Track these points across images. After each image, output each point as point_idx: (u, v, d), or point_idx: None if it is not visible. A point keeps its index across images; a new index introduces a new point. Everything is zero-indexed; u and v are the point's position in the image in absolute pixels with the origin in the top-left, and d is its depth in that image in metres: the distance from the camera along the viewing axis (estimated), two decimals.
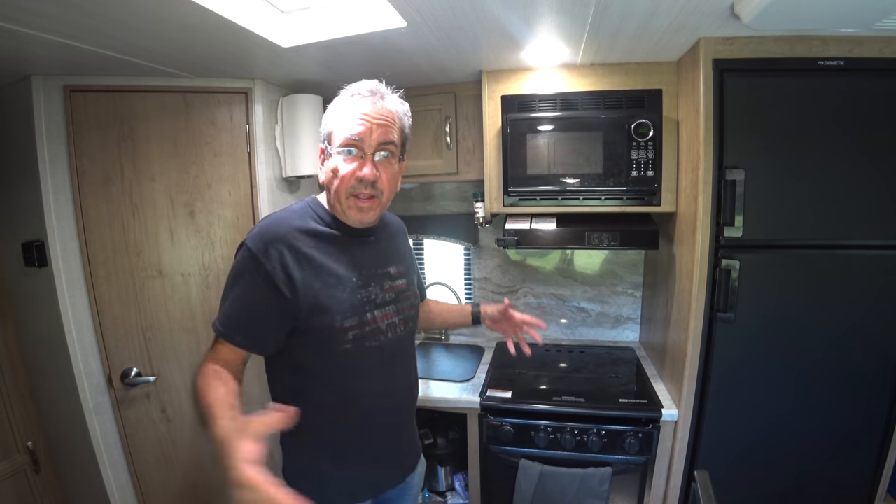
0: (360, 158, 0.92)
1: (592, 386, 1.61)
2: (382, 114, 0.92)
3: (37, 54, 1.16)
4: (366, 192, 0.93)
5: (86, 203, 1.39)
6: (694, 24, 1.16)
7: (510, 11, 1.09)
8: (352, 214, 0.95)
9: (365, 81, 0.96)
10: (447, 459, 1.83)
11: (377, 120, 0.91)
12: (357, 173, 0.91)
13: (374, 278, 1.00)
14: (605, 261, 1.99)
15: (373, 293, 0.99)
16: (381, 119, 0.92)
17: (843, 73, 1.19)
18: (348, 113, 0.92)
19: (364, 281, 0.98)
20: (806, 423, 1.34)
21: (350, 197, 0.93)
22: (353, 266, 0.97)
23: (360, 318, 0.95)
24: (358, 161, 0.92)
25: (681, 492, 1.46)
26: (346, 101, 0.94)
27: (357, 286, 0.96)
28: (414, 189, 2.12)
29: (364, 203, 0.94)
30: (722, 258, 1.28)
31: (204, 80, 1.45)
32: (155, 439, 1.53)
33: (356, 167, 0.91)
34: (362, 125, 0.90)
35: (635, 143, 1.44)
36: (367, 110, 0.91)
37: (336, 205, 0.96)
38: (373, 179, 0.91)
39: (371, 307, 0.98)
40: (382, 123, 0.92)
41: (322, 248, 0.95)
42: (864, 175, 1.22)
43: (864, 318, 1.27)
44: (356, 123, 0.90)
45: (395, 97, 0.98)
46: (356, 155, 0.92)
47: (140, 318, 1.47)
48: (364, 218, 0.96)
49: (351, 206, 0.94)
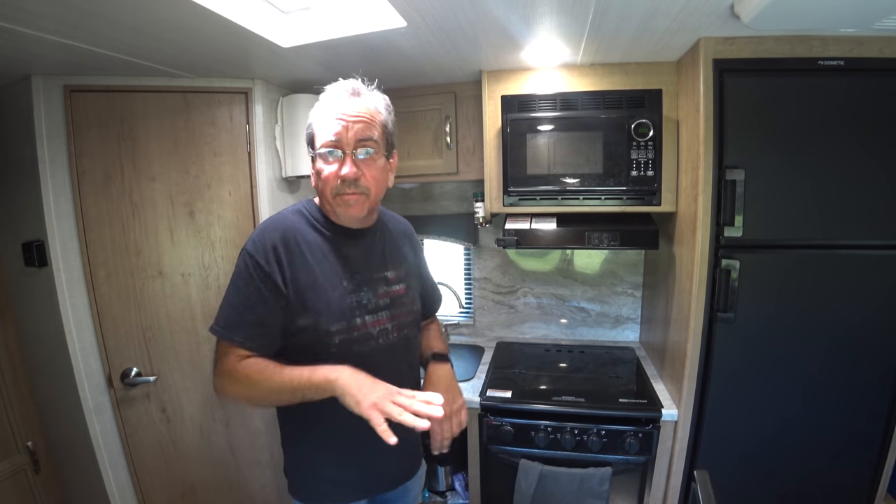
0: (341, 159, 0.91)
1: (592, 386, 1.61)
2: (360, 111, 0.92)
3: (37, 54, 1.16)
4: (350, 191, 0.92)
5: (86, 203, 1.39)
6: (694, 24, 1.16)
7: (510, 11, 1.09)
8: (341, 211, 0.95)
9: (342, 81, 0.95)
10: (447, 459, 1.83)
11: (354, 118, 0.91)
12: (339, 173, 0.91)
13: (368, 283, 0.99)
14: (605, 261, 1.99)
15: (364, 298, 0.98)
16: (358, 117, 0.91)
17: (843, 73, 1.19)
18: (326, 115, 0.92)
19: (356, 285, 0.97)
20: (806, 422, 1.33)
21: (336, 196, 0.93)
22: (346, 270, 0.97)
23: (347, 323, 0.94)
24: (339, 161, 0.91)
25: (681, 492, 1.46)
26: (323, 103, 0.94)
27: (347, 290, 0.96)
28: (414, 189, 2.12)
29: (350, 197, 0.93)
30: (722, 258, 1.28)
31: (204, 80, 1.45)
32: (155, 439, 1.53)
33: (337, 168, 0.91)
34: (339, 124, 0.90)
35: (635, 143, 1.44)
36: (343, 109, 0.91)
37: (325, 205, 0.97)
38: (354, 178, 0.91)
39: (361, 312, 0.97)
40: (360, 121, 0.91)
41: (315, 250, 0.95)
42: (864, 175, 1.22)
43: (864, 318, 1.27)
44: (333, 124, 0.90)
45: (375, 93, 0.97)
46: (337, 156, 0.91)
47: (140, 318, 1.47)
48: (353, 212, 0.95)
49: (339, 203, 0.94)
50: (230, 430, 1.60)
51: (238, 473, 1.63)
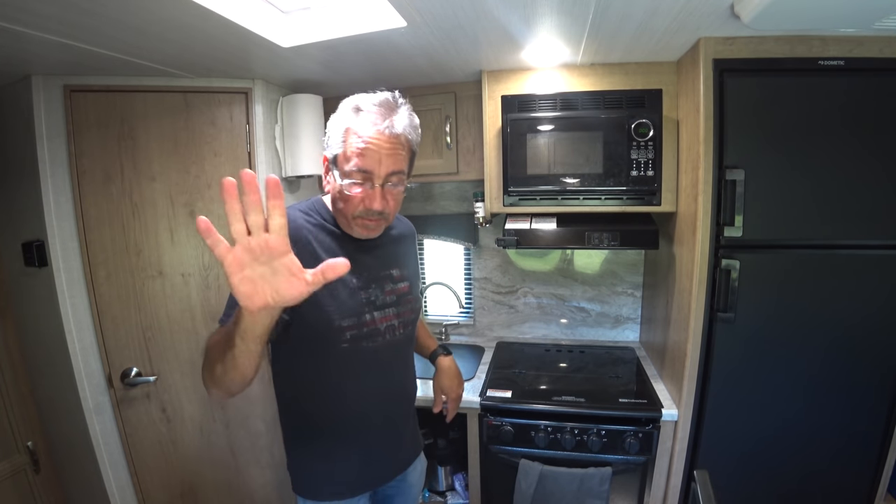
0: (369, 188, 0.89)
1: (592, 386, 1.61)
2: (392, 141, 0.88)
3: (37, 54, 1.16)
4: (373, 218, 0.93)
5: (86, 203, 1.39)
6: (694, 24, 1.16)
7: (510, 11, 1.09)
8: (358, 231, 0.96)
9: (372, 95, 0.90)
10: (447, 459, 1.83)
11: (387, 149, 0.87)
12: (366, 203, 0.89)
13: (376, 280, 1.01)
14: (605, 261, 1.99)
15: (373, 295, 0.99)
16: (391, 148, 0.88)
17: (843, 73, 1.19)
18: (357, 133, 0.87)
19: (365, 282, 0.99)
20: (806, 422, 1.33)
21: (357, 218, 0.93)
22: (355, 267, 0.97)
23: (358, 319, 0.96)
24: (366, 190, 0.89)
25: (681, 492, 1.46)
26: (351, 117, 0.89)
27: (357, 287, 0.97)
28: (414, 189, 2.11)
29: (371, 222, 0.94)
30: (722, 258, 1.28)
31: (204, 79, 1.45)
32: (155, 439, 1.53)
33: (364, 196, 0.89)
34: (372, 154, 0.86)
35: (635, 143, 1.44)
36: (375, 136, 0.86)
37: (341, 219, 0.96)
38: (381, 210, 0.90)
39: (370, 308, 0.98)
40: (393, 152, 0.88)
41: (328, 247, 0.95)
42: (864, 175, 1.22)
43: (864, 318, 1.27)
44: (365, 153, 0.86)
45: (406, 111, 0.92)
46: (365, 185, 0.89)
47: (140, 318, 1.47)
48: (370, 235, 0.97)
49: (358, 224, 0.94)
50: (230, 430, 1.60)
51: (238, 473, 1.63)
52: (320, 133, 1.67)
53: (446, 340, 2.16)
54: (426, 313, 2.24)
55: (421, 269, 2.22)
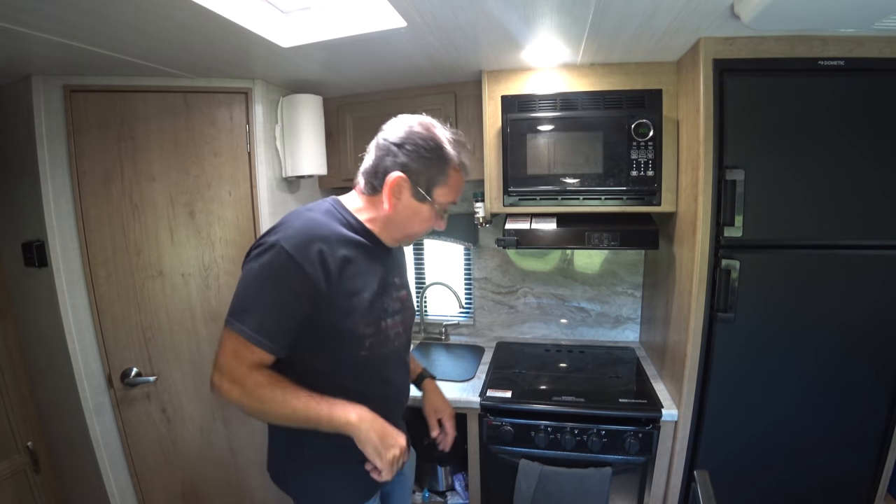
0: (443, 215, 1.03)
1: (592, 386, 1.61)
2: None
3: (37, 54, 1.16)
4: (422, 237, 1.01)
5: (86, 203, 1.39)
6: (694, 24, 1.16)
7: (510, 11, 1.09)
8: (402, 244, 1.08)
9: (450, 128, 0.99)
10: (447, 459, 1.83)
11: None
12: (435, 225, 1.02)
13: (387, 288, 1.02)
14: (605, 261, 1.99)
15: (386, 302, 1.01)
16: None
17: (843, 73, 1.19)
18: (456, 179, 0.99)
19: (381, 290, 1.00)
20: (806, 422, 1.33)
21: (415, 235, 1.05)
22: (375, 275, 0.99)
23: (376, 327, 0.97)
24: (439, 215, 1.02)
25: (681, 492, 1.46)
26: (453, 153, 0.96)
27: (376, 295, 0.98)
28: None
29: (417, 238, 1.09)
30: (722, 258, 1.28)
31: (204, 80, 1.45)
32: (155, 439, 1.53)
33: (434, 221, 1.02)
34: (460, 192, 1.02)
35: (635, 143, 1.44)
36: (464, 174, 1.01)
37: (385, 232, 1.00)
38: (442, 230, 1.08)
39: (384, 315, 1.00)
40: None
41: (354, 255, 0.94)
42: (864, 175, 1.22)
43: (864, 318, 1.26)
44: (458, 192, 1.01)
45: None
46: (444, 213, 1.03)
47: (140, 318, 1.47)
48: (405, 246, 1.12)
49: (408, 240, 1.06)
50: (230, 430, 1.60)
51: (238, 473, 1.63)
52: (320, 133, 1.67)
53: (446, 340, 2.16)
54: (426, 313, 2.24)
55: (421, 270, 2.23)
